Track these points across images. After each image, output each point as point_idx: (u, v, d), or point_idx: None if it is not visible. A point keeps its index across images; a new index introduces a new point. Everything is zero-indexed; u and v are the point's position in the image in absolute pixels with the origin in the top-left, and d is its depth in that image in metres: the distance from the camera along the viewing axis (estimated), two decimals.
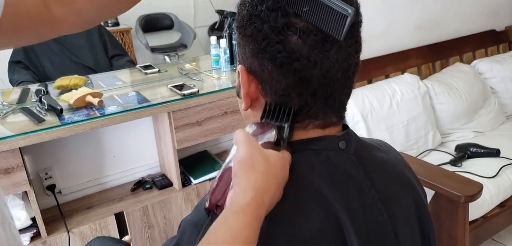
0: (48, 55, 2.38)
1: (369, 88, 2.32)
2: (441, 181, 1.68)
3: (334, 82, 0.55)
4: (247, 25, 0.55)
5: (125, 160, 1.87)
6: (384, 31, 2.56)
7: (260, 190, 0.49)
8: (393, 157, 0.68)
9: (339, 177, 0.57)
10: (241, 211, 0.47)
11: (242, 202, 0.48)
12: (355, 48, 0.56)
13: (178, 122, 1.67)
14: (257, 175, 0.49)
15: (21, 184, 1.39)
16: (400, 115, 2.27)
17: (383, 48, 2.55)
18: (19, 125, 1.45)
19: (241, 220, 0.46)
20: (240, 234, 0.46)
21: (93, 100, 1.56)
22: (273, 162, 0.51)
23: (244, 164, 0.50)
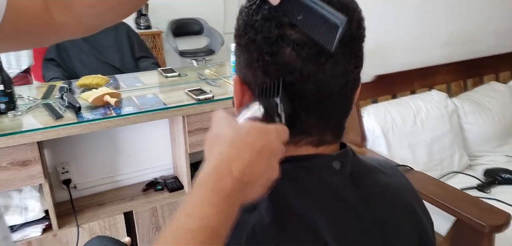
0: (78, 55, 2.47)
1: (393, 103, 2.25)
2: (463, 207, 1.57)
3: (330, 98, 0.52)
4: (242, 35, 0.54)
5: (140, 159, 1.90)
6: (412, 44, 2.48)
7: (226, 159, 0.43)
8: (398, 182, 0.64)
9: (331, 200, 0.53)
10: (198, 184, 0.42)
11: (201, 175, 0.43)
12: (354, 63, 0.53)
13: (192, 126, 1.68)
14: (222, 144, 0.44)
15: (37, 176, 1.44)
16: (424, 134, 2.18)
17: (410, 62, 2.47)
18: (38, 120, 1.50)
19: (197, 195, 0.41)
20: (195, 211, 0.41)
21: (111, 100, 1.60)
22: (246, 130, 0.45)
23: (210, 139, 0.47)
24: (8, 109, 1.50)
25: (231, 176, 0.42)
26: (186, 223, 0.40)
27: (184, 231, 0.39)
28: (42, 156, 1.50)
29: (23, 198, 1.53)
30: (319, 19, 0.48)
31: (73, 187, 1.76)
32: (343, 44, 0.50)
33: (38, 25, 0.68)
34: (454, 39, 2.60)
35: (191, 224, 0.39)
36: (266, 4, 0.51)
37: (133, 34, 2.69)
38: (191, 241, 0.38)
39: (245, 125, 0.47)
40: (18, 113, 1.52)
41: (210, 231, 0.40)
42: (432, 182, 1.79)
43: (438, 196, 1.65)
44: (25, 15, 0.65)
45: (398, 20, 2.36)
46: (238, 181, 0.43)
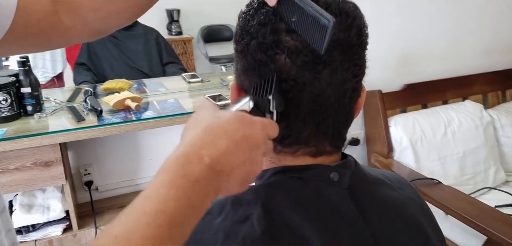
0: (108, 59, 2.54)
1: (422, 113, 2.17)
2: (495, 226, 1.48)
3: (327, 108, 0.50)
4: (239, 40, 0.53)
5: (161, 164, 1.91)
6: (446, 52, 2.38)
7: (197, 144, 0.40)
8: (406, 196, 0.60)
9: (328, 213, 0.51)
10: (163, 167, 0.39)
11: (168, 159, 0.40)
12: (353, 72, 0.50)
13: None
14: (197, 129, 0.42)
15: (58, 177, 1.48)
16: (456, 146, 2.08)
17: (443, 71, 2.37)
18: (61, 122, 1.54)
19: (160, 178, 0.38)
20: (154, 193, 0.37)
21: (132, 104, 1.62)
22: (227, 118, 0.43)
23: (187, 125, 0.45)
24: (34, 111, 1.56)
25: (200, 161, 0.39)
26: (144, 206, 0.36)
27: (140, 214, 0.36)
28: (64, 157, 1.54)
29: (46, 197, 1.58)
30: (311, 21, 0.46)
31: (94, 189, 1.79)
32: (341, 52, 0.48)
33: (46, 27, 0.69)
34: (492, 47, 2.48)
35: (148, 207, 0.36)
36: (263, 8, 0.50)
37: (162, 40, 2.73)
38: (144, 225, 0.35)
39: (228, 113, 0.44)
40: (43, 115, 1.57)
41: (167, 217, 0.36)
42: (461, 197, 1.70)
43: (468, 212, 1.57)
44: (33, 17, 0.66)
45: (430, 27, 2.28)
46: (209, 169, 0.39)
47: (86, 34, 0.75)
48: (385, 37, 2.18)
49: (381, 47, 2.18)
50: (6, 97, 1.46)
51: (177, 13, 3.88)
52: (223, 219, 0.51)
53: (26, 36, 0.67)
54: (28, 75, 1.53)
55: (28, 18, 0.65)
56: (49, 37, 0.72)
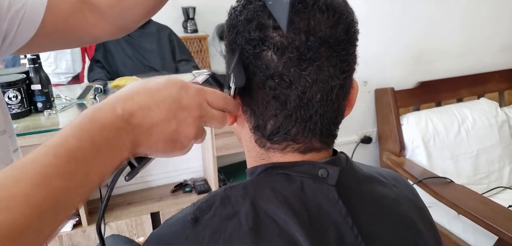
0: (122, 58, 2.57)
1: (436, 111, 2.12)
2: (505, 225, 1.45)
3: (314, 105, 0.50)
4: (227, 36, 0.53)
5: (171, 161, 1.92)
6: (461, 50, 2.32)
7: (114, 98, 0.43)
8: (399, 193, 0.59)
9: (314, 210, 0.50)
10: (78, 115, 0.42)
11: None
12: (341, 68, 0.49)
13: (218, 129, 1.67)
14: (123, 89, 0.45)
15: None
16: (469, 145, 2.03)
17: (458, 69, 2.31)
18: (71, 119, 1.56)
19: (72, 122, 0.40)
20: (61, 132, 0.39)
21: None
22: (156, 81, 0.46)
23: None
24: (44, 108, 1.59)
25: (112, 111, 0.42)
26: (49, 140, 0.38)
27: (43, 146, 0.38)
28: None
29: None
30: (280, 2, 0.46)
31: (105, 185, 1.82)
32: (328, 48, 0.48)
33: (73, 24, 0.74)
34: (508, 44, 2.41)
35: (51, 141, 0.38)
36: (250, 4, 0.50)
37: (175, 37, 2.75)
38: (43, 154, 0.37)
39: (157, 78, 0.47)
40: (53, 112, 1.60)
41: (66, 150, 0.38)
42: (473, 196, 1.66)
43: (479, 212, 1.53)
44: (61, 14, 0.71)
45: (445, 24, 2.23)
46: (122, 119, 0.42)
47: (108, 31, 0.79)
48: (398, 34, 2.14)
49: (394, 45, 2.15)
50: (16, 94, 1.49)
51: (193, 11, 3.89)
52: (211, 215, 0.50)
53: (55, 32, 0.72)
54: (38, 72, 1.56)
55: (56, 15, 0.70)
56: (77, 34, 0.77)
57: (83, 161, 0.39)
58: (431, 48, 2.24)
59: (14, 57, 2.38)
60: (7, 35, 0.67)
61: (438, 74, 2.26)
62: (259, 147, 0.54)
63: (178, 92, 0.45)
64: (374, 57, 2.11)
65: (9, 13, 0.66)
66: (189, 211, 0.51)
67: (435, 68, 2.27)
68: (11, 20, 0.66)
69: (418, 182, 1.75)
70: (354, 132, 2.24)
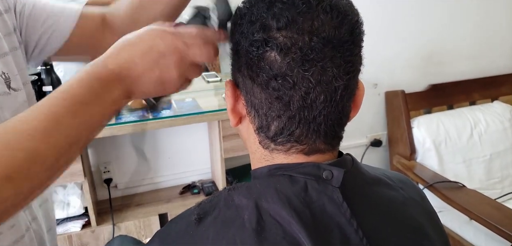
0: None
1: (448, 114, 2.09)
2: None
3: (317, 106, 0.49)
4: (232, 37, 0.53)
5: (179, 162, 1.93)
6: (474, 52, 2.29)
7: (105, 55, 0.51)
8: (406, 196, 0.58)
9: (318, 212, 0.49)
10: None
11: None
12: (345, 69, 0.49)
13: (226, 131, 1.67)
14: (113, 45, 0.52)
15: (77, 174, 1.52)
16: (482, 149, 2.00)
17: (471, 71, 2.28)
18: None
19: (71, 78, 0.48)
20: (63, 85, 0.48)
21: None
22: (138, 34, 0.52)
23: None
24: None
25: (105, 68, 0.50)
26: (55, 91, 0.47)
27: (51, 95, 0.47)
28: (83, 155, 1.58)
29: (66, 193, 1.62)
30: None
31: (114, 186, 1.83)
32: (332, 49, 0.47)
33: (95, 42, 0.78)
34: None
35: (57, 91, 0.47)
36: (254, 6, 0.50)
37: None
38: (53, 98, 0.46)
39: (146, 29, 0.53)
40: None
41: (71, 96, 0.47)
42: (486, 201, 1.63)
43: (492, 217, 1.50)
44: (87, 31, 0.76)
45: (457, 26, 2.20)
46: (112, 73, 0.50)
47: None
48: (409, 36, 2.12)
49: (404, 47, 2.12)
50: None
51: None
52: (215, 216, 0.51)
53: (78, 47, 0.77)
54: (49, 74, 1.57)
55: (83, 32, 0.75)
56: (98, 52, 0.79)
57: (85, 104, 0.47)
58: (443, 51, 2.21)
59: None
60: (38, 44, 0.73)
61: (450, 76, 2.23)
62: (263, 148, 0.54)
63: (156, 41, 0.51)
64: (384, 60, 2.09)
65: (44, 25, 0.72)
66: (193, 211, 0.52)
67: (447, 71, 2.24)
68: (45, 32, 0.73)
69: (429, 186, 1.73)
70: (364, 135, 2.22)
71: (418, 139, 2.00)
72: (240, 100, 0.54)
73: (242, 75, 0.52)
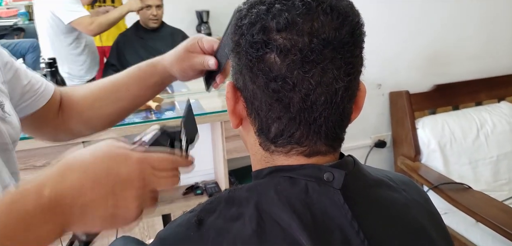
0: (135, 60, 2.57)
1: (453, 115, 2.07)
2: None
3: (318, 108, 0.49)
4: (233, 38, 0.53)
5: None
6: (479, 52, 2.26)
7: (45, 177, 0.43)
8: (409, 198, 0.57)
9: (318, 214, 0.49)
10: (9, 192, 0.42)
11: (19, 186, 0.44)
12: (345, 70, 0.49)
13: (229, 132, 1.67)
14: (58, 165, 0.44)
15: None
16: (489, 150, 1.97)
17: (477, 71, 2.25)
18: None
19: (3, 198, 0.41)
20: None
21: (152, 104, 1.65)
22: (91, 153, 0.44)
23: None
24: None
25: (38, 196, 0.41)
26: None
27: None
28: None
29: None
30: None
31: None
32: (332, 50, 0.47)
33: (52, 130, 0.80)
34: None
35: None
36: (254, 8, 0.50)
37: None
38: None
39: (103, 147, 0.44)
40: None
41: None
42: (492, 203, 1.61)
43: (498, 219, 1.48)
44: (51, 113, 0.76)
45: (463, 25, 2.18)
46: (48, 203, 0.41)
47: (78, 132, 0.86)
48: (413, 36, 2.10)
49: (409, 47, 2.11)
50: None
51: (206, 15, 3.92)
52: (216, 217, 0.51)
53: (40, 126, 0.78)
54: (54, 76, 1.58)
55: (49, 111, 0.75)
56: (57, 133, 0.82)
57: (12, 239, 0.40)
58: (448, 50, 2.19)
59: (35, 61, 2.42)
60: (20, 103, 0.71)
61: (455, 77, 2.20)
62: (263, 150, 0.54)
63: (116, 165, 0.43)
64: (389, 60, 2.07)
65: (27, 87, 0.71)
66: (194, 213, 0.52)
67: (452, 71, 2.21)
68: (27, 92, 0.71)
69: (433, 188, 1.71)
70: (368, 136, 2.20)
71: (422, 140, 1.99)
72: (240, 102, 0.54)
73: (243, 77, 0.52)
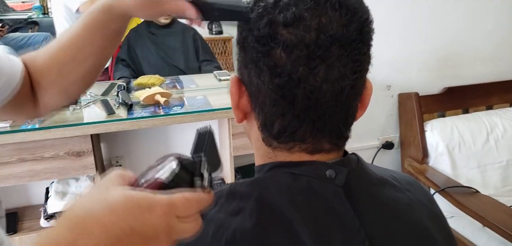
0: (146, 56, 2.61)
1: (462, 118, 2.05)
2: None
3: (323, 105, 0.48)
4: (240, 33, 0.53)
5: None
6: (492, 54, 2.23)
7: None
8: (413, 198, 0.57)
9: (320, 211, 0.49)
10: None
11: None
12: (352, 68, 0.48)
13: (236, 129, 1.68)
14: (63, 225, 0.36)
15: (89, 167, 1.54)
16: (498, 154, 1.95)
17: (488, 75, 2.23)
18: (93, 114, 1.61)
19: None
20: None
21: (161, 99, 1.66)
22: (108, 205, 0.36)
23: (71, 206, 0.38)
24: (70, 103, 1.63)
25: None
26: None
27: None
28: (96, 148, 1.60)
29: (79, 186, 1.66)
30: None
31: None
32: (339, 47, 0.46)
33: (31, 111, 0.73)
34: None
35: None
36: (262, 1, 0.49)
37: (199, 37, 2.76)
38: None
39: (117, 197, 0.37)
40: (77, 107, 1.64)
41: None
42: (500, 208, 1.59)
43: (505, 224, 1.47)
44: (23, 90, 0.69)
45: (475, 28, 2.15)
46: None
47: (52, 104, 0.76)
48: (424, 37, 2.08)
49: (419, 48, 2.09)
50: None
51: None
52: (217, 211, 0.51)
53: (16, 113, 0.72)
54: None
55: (22, 97, 0.69)
56: (36, 112, 0.74)
57: None
58: (459, 53, 2.17)
59: None
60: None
61: (466, 80, 2.18)
62: (266, 145, 0.54)
63: (140, 222, 0.36)
64: (399, 61, 2.06)
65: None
66: None
67: (463, 74, 2.19)
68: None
69: (440, 191, 1.69)
70: (376, 136, 2.19)
71: (430, 143, 1.97)
72: (244, 97, 0.54)
73: (248, 71, 0.51)
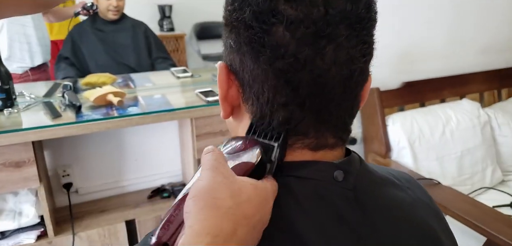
0: (93, 54, 2.41)
1: (420, 112, 2.10)
2: (494, 226, 1.44)
3: (330, 92, 0.42)
4: (230, 10, 0.45)
5: (147, 165, 1.80)
6: (443, 51, 2.31)
7: (221, 235, 0.35)
8: (415, 197, 0.53)
9: (330, 219, 0.43)
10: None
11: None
12: (361, 50, 0.43)
13: (200, 130, 1.57)
14: (218, 215, 0.36)
15: (31, 179, 1.35)
16: (454, 145, 2.01)
17: (441, 70, 2.30)
18: (35, 118, 1.42)
19: None
20: None
21: (114, 99, 1.51)
22: (246, 197, 0.38)
23: (201, 198, 0.37)
24: (5, 106, 1.43)
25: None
26: None
27: None
28: (39, 157, 1.41)
29: (18, 201, 1.45)
30: None
31: (74, 191, 1.67)
32: (348, 26, 0.41)
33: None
34: (490, 46, 2.43)
35: None
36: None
37: (151, 34, 2.61)
38: None
39: (245, 189, 0.39)
40: (14, 110, 1.44)
41: None
42: (461, 198, 1.64)
43: (468, 213, 1.51)
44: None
45: (429, 25, 2.22)
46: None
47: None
48: (384, 34, 2.05)
49: (379, 44, 2.08)
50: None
51: (169, 9, 3.77)
52: None
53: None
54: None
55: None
56: None
57: None
58: (416, 49, 2.22)
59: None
60: None
61: (422, 74, 2.24)
62: None
63: (266, 208, 0.41)
64: None
65: None
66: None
67: (420, 69, 2.25)
68: None
69: None
70: None
71: (393, 137, 1.99)
72: (234, 87, 0.47)
73: (240, 56, 0.44)
